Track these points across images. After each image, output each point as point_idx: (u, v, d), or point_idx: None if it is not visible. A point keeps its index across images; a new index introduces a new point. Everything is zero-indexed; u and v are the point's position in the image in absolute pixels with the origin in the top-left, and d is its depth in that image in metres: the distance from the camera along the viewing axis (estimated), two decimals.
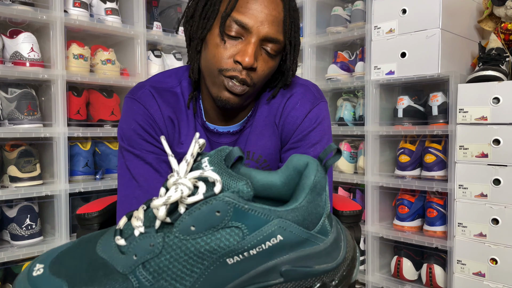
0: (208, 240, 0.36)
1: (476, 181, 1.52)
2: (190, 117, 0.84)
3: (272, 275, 0.37)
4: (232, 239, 0.36)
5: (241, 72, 0.72)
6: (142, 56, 1.86)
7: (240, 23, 0.71)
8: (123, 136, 0.83)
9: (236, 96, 0.74)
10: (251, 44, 0.71)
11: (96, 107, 1.79)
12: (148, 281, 0.35)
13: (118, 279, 0.35)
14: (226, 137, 0.84)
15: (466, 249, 1.55)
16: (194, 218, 0.36)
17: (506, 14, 1.63)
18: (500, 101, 1.46)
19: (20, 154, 1.56)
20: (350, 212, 1.00)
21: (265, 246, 0.37)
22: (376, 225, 1.87)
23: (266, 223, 0.37)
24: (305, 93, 0.83)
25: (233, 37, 0.72)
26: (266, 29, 0.71)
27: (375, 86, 1.84)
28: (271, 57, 0.74)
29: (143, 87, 0.84)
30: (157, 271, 0.35)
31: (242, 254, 0.36)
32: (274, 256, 0.37)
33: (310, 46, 2.10)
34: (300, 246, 0.38)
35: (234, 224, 0.36)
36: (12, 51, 1.55)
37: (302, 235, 0.38)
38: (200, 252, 0.36)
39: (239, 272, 0.37)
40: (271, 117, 0.84)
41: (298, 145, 0.82)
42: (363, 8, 1.95)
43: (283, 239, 0.37)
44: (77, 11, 1.68)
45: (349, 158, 2.03)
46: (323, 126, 0.83)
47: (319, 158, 0.41)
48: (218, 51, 0.72)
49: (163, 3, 2.08)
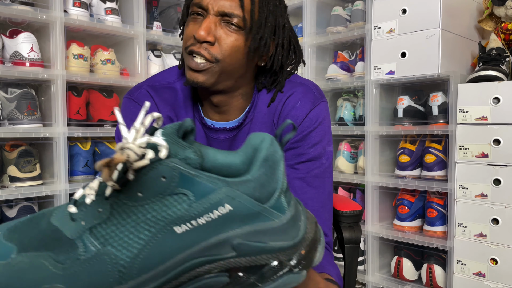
0: (155, 206, 0.36)
1: (476, 181, 1.52)
2: (188, 112, 0.84)
3: (224, 248, 0.37)
4: (180, 206, 0.36)
5: (196, 46, 0.74)
6: (142, 56, 1.86)
7: (198, 4, 0.74)
8: (119, 136, 0.85)
9: (200, 73, 0.75)
10: (206, 19, 0.74)
11: (96, 107, 1.79)
12: (94, 247, 0.35)
13: (65, 244, 0.36)
14: (223, 133, 0.84)
15: (466, 249, 1.55)
16: (140, 184, 0.36)
17: (506, 14, 1.63)
18: (500, 101, 1.46)
19: (20, 154, 1.56)
20: (350, 212, 1.00)
21: (214, 216, 0.36)
22: (376, 225, 1.87)
23: (213, 191, 0.36)
24: (305, 93, 0.83)
25: (196, 18, 0.75)
26: (220, 3, 0.73)
27: (375, 86, 1.84)
28: (231, 30, 0.75)
29: (140, 87, 0.86)
30: (104, 237, 0.36)
31: (190, 223, 0.36)
32: (225, 228, 0.37)
33: (310, 46, 2.10)
34: (253, 220, 0.37)
35: (180, 190, 0.36)
36: (12, 51, 1.55)
37: (254, 208, 0.37)
38: (147, 218, 0.36)
39: (189, 242, 0.36)
40: (270, 115, 0.83)
41: (298, 145, 0.81)
42: (363, 8, 1.95)
43: (232, 209, 0.37)
44: (77, 11, 1.68)
45: (349, 158, 2.03)
46: (324, 127, 0.82)
47: (275, 134, 0.41)
48: (185, 32, 0.77)
49: (163, 3, 2.08)
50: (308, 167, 0.80)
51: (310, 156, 0.80)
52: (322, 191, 0.80)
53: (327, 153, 0.82)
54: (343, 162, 2.02)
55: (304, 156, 0.80)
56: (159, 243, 0.36)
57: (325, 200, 0.80)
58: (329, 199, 0.82)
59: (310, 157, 0.80)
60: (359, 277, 1.90)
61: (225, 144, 0.84)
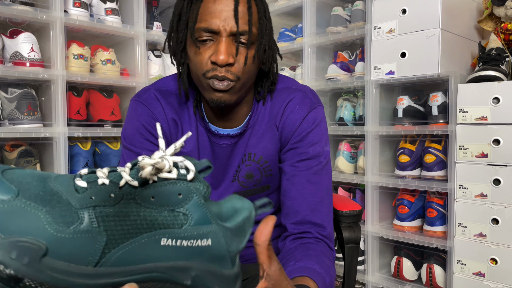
0: (158, 213, 0.40)
1: (476, 181, 1.53)
2: (192, 118, 0.88)
3: (185, 274, 0.41)
4: (177, 223, 0.41)
5: (219, 71, 0.76)
6: (142, 56, 1.87)
7: (206, 29, 0.75)
8: (125, 136, 0.87)
9: (225, 93, 0.78)
10: (222, 42, 0.75)
11: (96, 107, 1.79)
12: (93, 222, 0.38)
13: (67, 210, 0.38)
14: (226, 139, 0.88)
15: (466, 249, 1.55)
16: (158, 191, 0.41)
17: (506, 14, 1.63)
18: (500, 101, 1.46)
19: (20, 154, 1.56)
20: (350, 212, 1.00)
21: (196, 243, 0.41)
22: (376, 225, 1.87)
23: (208, 224, 0.42)
24: (303, 98, 0.88)
25: (205, 41, 0.77)
26: (231, 24, 0.75)
27: (375, 86, 1.84)
28: (245, 47, 0.78)
29: (148, 90, 0.89)
30: (104, 218, 0.38)
31: (176, 240, 0.41)
32: (196, 257, 0.42)
33: (310, 46, 2.10)
34: (216, 261, 0.43)
35: (185, 211, 0.41)
36: (12, 51, 1.55)
37: (223, 252, 0.43)
38: (146, 220, 0.40)
39: (165, 256, 0.40)
40: (272, 120, 0.88)
41: (297, 145, 0.86)
42: (363, 8, 1.95)
43: (210, 245, 0.42)
44: (77, 11, 1.68)
45: (349, 158, 2.03)
46: (321, 128, 0.88)
47: (255, 205, 0.47)
48: (196, 58, 0.77)
49: (163, 3, 2.08)
50: (307, 165, 0.85)
51: (309, 155, 0.85)
52: (320, 186, 0.85)
53: (325, 153, 0.87)
54: (343, 162, 2.02)
55: (303, 155, 0.85)
56: (143, 245, 0.39)
57: (323, 195, 0.85)
58: (327, 194, 0.86)
59: (309, 156, 0.85)
60: (359, 277, 1.91)
61: (227, 149, 0.88)
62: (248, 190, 0.92)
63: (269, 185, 0.92)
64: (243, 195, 0.92)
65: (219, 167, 0.90)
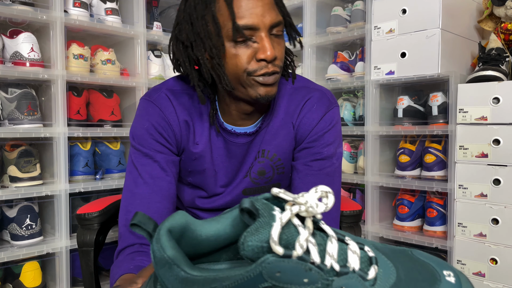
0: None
1: (476, 181, 1.53)
2: (204, 118, 0.87)
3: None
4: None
5: (268, 67, 0.76)
6: (142, 56, 1.86)
7: (246, 27, 0.74)
8: (134, 135, 0.86)
9: (273, 86, 0.79)
10: (264, 38, 0.75)
11: (96, 107, 1.79)
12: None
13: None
14: (242, 137, 0.88)
15: (466, 249, 1.55)
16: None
17: (506, 14, 1.63)
18: (500, 101, 1.46)
19: (20, 154, 1.56)
20: (350, 212, 1.00)
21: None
22: (376, 225, 1.87)
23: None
24: (321, 98, 0.88)
25: (243, 41, 0.75)
26: (268, 18, 0.75)
27: (375, 86, 1.84)
28: (280, 37, 0.79)
29: (159, 90, 0.87)
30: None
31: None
32: None
33: (310, 46, 2.10)
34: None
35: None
36: (12, 51, 1.55)
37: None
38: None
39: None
40: (288, 117, 0.88)
41: (312, 145, 0.86)
42: (363, 8, 1.95)
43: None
44: (77, 11, 1.68)
45: (349, 158, 2.03)
46: (336, 129, 0.88)
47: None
48: (238, 59, 0.75)
49: (163, 3, 2.08)
50: (320, 165, 0.86)
51: (324, 155, 0.86)
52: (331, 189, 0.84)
53: (337, 154, 0.88)
54: (343, 162, 2.02)
55: (318, 155, 0.86)
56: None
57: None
58: (337, 197, 0.87)
59: (323, 156, 0.86)
60: None
61: (243, 147, 0.88)
62: (259, 187, 0.91)
63: (280, 183, 0.92)
64: (254, 192, 0.92)
65: (233, 166, 0.89)
